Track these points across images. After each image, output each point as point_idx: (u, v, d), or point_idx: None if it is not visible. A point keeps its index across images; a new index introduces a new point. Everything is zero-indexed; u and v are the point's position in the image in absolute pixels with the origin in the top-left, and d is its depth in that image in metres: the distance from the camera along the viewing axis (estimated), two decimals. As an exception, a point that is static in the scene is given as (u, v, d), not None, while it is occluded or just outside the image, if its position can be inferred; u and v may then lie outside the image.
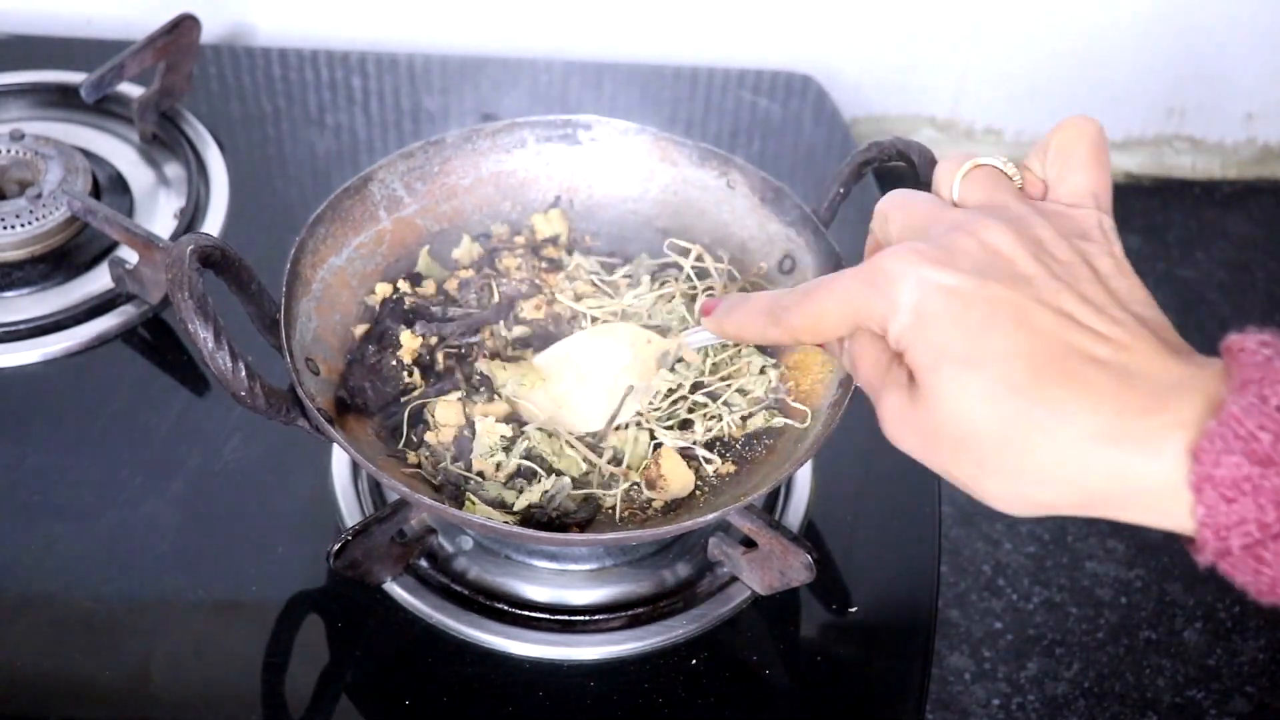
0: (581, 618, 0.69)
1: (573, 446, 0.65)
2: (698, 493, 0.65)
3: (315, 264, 0.68)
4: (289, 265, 0.65)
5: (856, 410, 0.63)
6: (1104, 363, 0.41)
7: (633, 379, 0.66)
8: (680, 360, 0.68)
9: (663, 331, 0.68)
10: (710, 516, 0.59)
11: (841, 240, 0.70)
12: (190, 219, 0.89)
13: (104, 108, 0.96)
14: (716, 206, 0.74)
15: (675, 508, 0.64)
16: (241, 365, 0.56)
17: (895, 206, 0.49)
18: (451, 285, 0.72)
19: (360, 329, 0.69)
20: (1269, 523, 0.38)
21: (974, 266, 0.43)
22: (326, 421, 0.59)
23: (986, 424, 0.41)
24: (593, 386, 0.67)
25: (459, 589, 0.69)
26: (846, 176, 0.70)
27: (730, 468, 0.65)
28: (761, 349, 0.69)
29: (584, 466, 0.64)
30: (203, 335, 0.55)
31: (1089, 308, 0.43)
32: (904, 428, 0.45)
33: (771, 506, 0.75)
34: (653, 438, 0.66)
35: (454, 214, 0.74)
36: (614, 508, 0.63)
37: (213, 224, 0.89)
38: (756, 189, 0.72)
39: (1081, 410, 0.40)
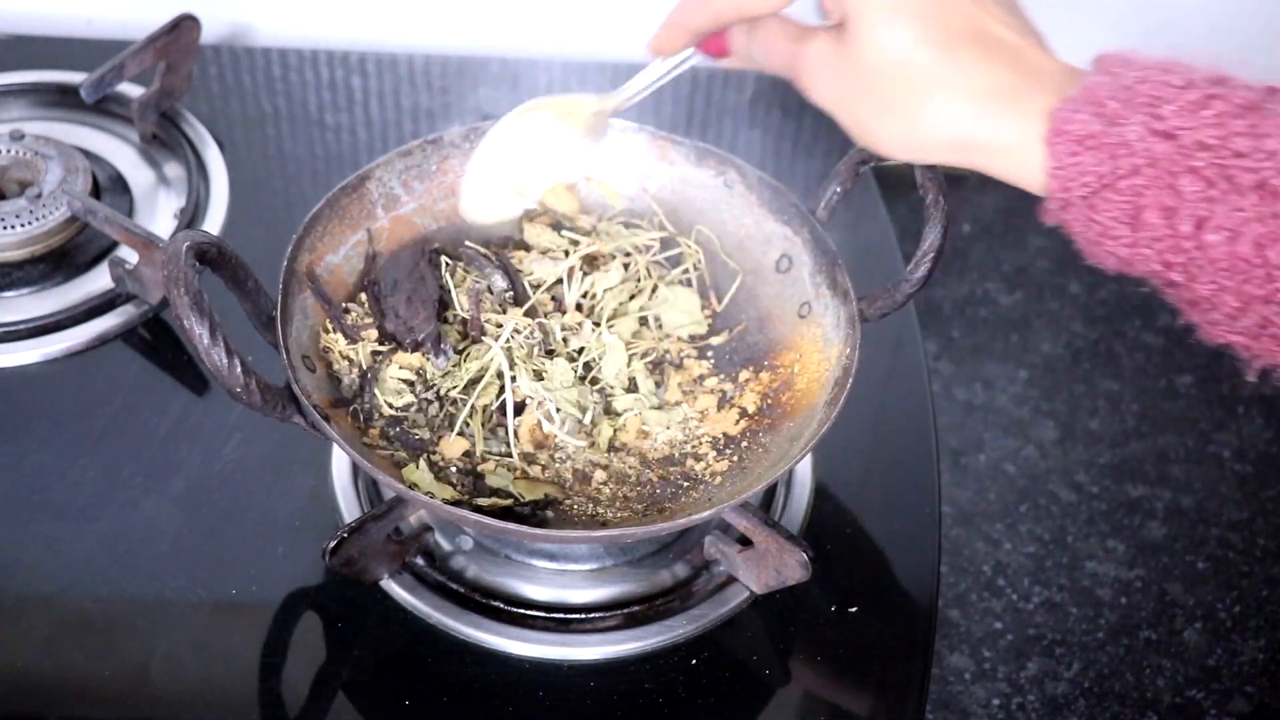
0: (580, 617, 0.69)
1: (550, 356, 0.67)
2: (693, 489, 0.65)
3: (313, 261, 0.68)
4: (286, 262, 0.66)
5: (857, 410, 0.63)
6: (1003, 40, 0.49)
7: (569, 157, 0.70)
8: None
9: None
10: (707, 514, 0.60)
11: (838, 239, 0.70)
12: (190, 219, 0.89)
13: (104, 108, 0.96)
14: (714, 205, 0.74)
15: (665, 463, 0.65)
16: (237, 362, 0.56)
17: None
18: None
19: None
20: (1105, 174, 0.45)
21: None
22: (322, 418, 0.60)
23: (899, 65, 0.48)
24: (525, 174, 0.71)
25: (458, 588, 0.69)
26: (843, 176, 0.70)
27: (725, 466, 0.66)
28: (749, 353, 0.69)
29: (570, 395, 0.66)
30: (198, 332, 0.55)
31: (997, 3, 0.50)
32: (822, 72, 0.51)
33: (770, 506, 0.75)
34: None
35: (452, 212, 0.74)
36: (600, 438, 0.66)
37: (213, 224, 0.89)
38: (754, 188, 0.73)
39: (981, 70, 0.48)
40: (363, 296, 0.70)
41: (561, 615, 0.69)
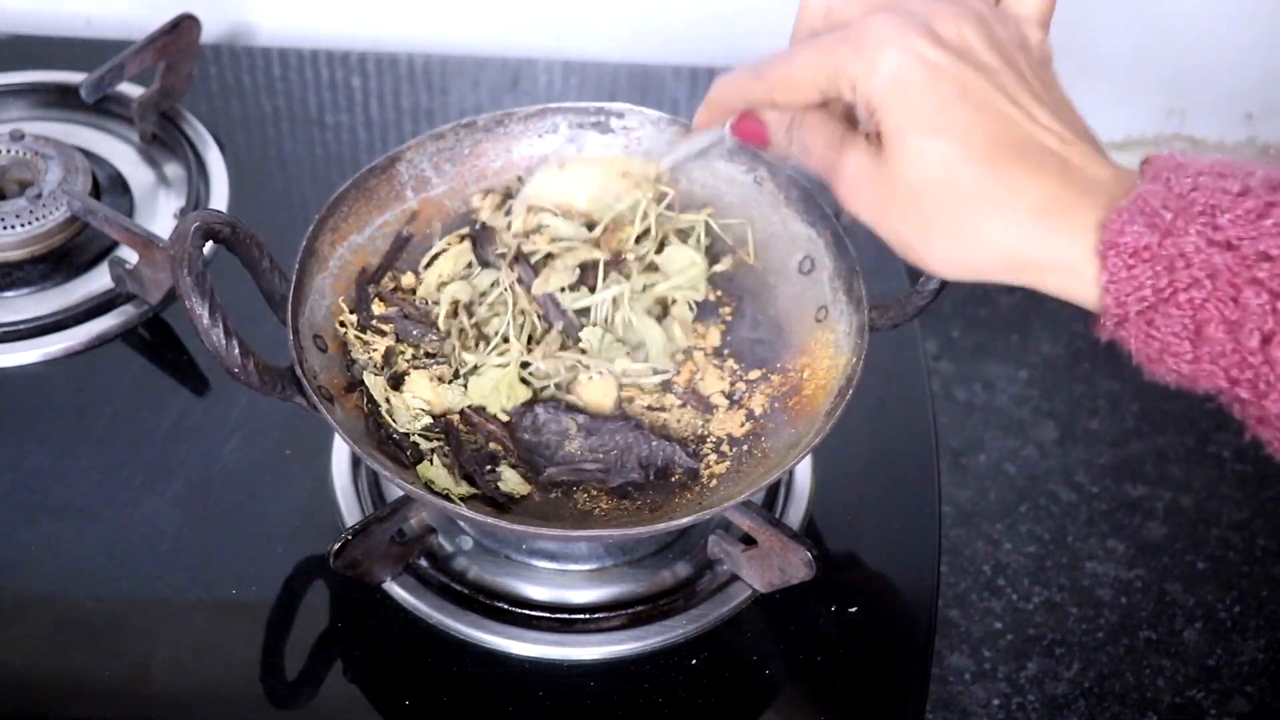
0: (582, 617, 0.69)
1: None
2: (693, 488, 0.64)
3: (335, 241, 0.68)
4: (305, 241, 0.66)
5: (857, 410, 0.63)
6: (1051, 150, 0.46)
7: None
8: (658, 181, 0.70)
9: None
10: (709, 512, 0.60)
11: (861, 245, 0.69)
12: (190, 219, 0.89)
13: (104, 108, 0.96)
14: (743, 202, 0.74)
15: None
16: (235, 342, 0.57)
17: None
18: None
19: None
20: (1162, 287, 0.43)
21: (949, 46, 0.47)
22: (327, 399, 0.60)
23: (943, 186, 0.46)
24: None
25: (459, 588, 0.69)
26: None
27: (725, 468, 0.65)
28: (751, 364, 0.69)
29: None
30: (199, 312, 0.56)
31: (1040, 105, 0.48)
32: (862, 187, 0.49)
33: (771, 505, 0.75)
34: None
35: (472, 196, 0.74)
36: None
37: (213, 224, 0.89)
38: (783, 187, 0.72)
39: (1028, 186, 0.45)
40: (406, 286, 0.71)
41: (563, 615, 0.69)
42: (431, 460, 0.63)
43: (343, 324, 0.67)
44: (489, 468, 0.64)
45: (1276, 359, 0.42)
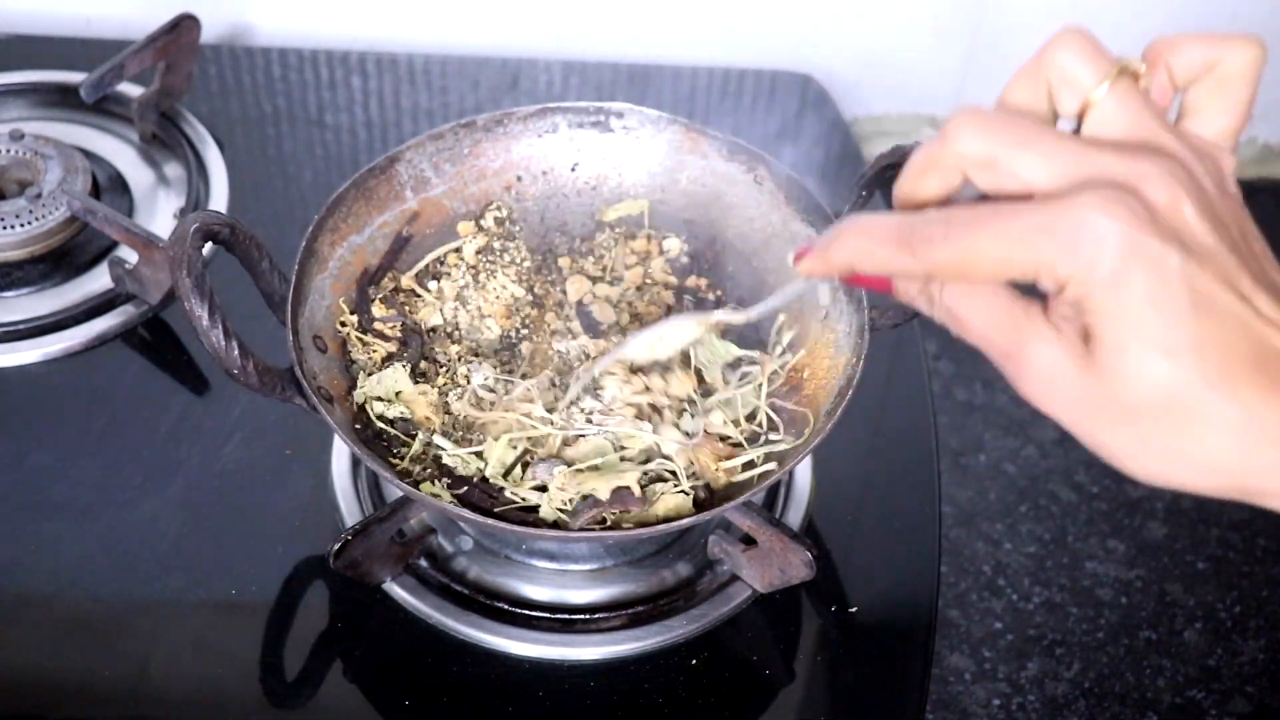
0: (582, 617, 0.69)
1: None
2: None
3: (335, 241, 0.68)
4: (304, 242, 0.66)
5: (857, 410, 0.63)
6: None
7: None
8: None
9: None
10: (709, 513, 0.59)
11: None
12: (190, 219, 0.89)
13: (104, 108, 0.96)
14: (743, 201, 0.74)
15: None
16: (235, 343, 0.57)
17: (1002, 132, 0.41)
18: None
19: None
20: None
21: (1170, 232, 0.39)
22: (325, 400, 0.60)
23: (1169, 407, 0.40)
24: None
25: (459, 588, 0.69)
26: (869, 180, 0.70)
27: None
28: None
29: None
30: (198, 312, 0.56)
31: (1261, 289, 0.41)
32: (1059, 389, 0.41)
33: (771, 505, 0.75)
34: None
35: (482, 196, 0.74)
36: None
37: (213, 224, 0.89)
38: (782, 186, 0.72)
39: (1264, 410, 0.40)
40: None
41: (563, 615, 0.69)
42: (433, 482, 0.63)
43: (343, 324, 0.67)
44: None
45: None
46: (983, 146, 0.41)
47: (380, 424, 0.64)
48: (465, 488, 0.62)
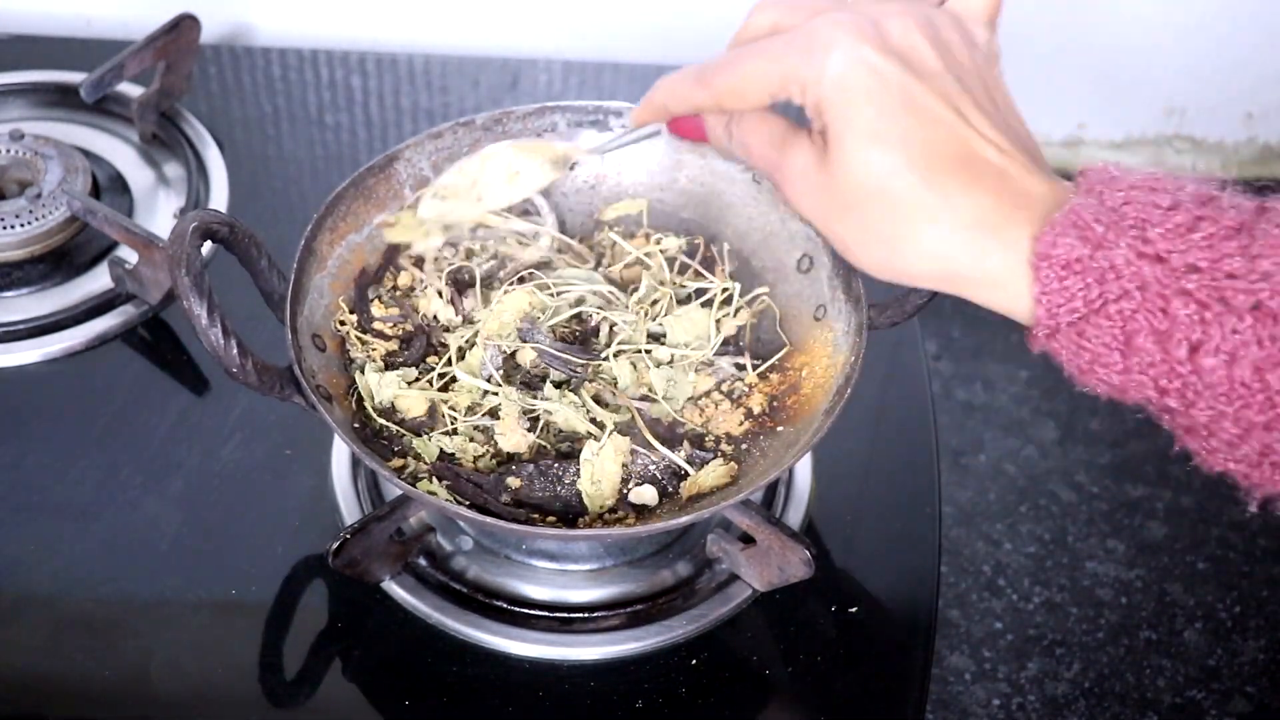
0: (581, 616, 0.69)
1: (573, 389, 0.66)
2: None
3: (333, 240, 0.68)
4: (303, 240, 0.66)
5: (857, 410, 0.63)
6: (988, 162, 0.47)
7: (529, 178, 0.67)
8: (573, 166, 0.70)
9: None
10: (708, 511, 0.60)
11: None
12: (190, 219, 0.89)
13: (104, 108, 0.96)
14: (742, 200, 0.74)
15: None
16: (234, 341, 0.57)
17: (782, 5, 0.51)
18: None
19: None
20: (1093, 299, 0.44)
21: (894, 52, 0.47)
22: (325, 398, 0.60)
23: (881, 194, 0.47)
24: (485, 188, 0.67)
25: (458, 588, 0.69)
26: None
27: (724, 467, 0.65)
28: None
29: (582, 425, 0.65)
30: (197, 311, 0.56)
31: (981, 113, 0.48)
32: (805, 186, 0.49)
33: (770, 504, 0.75)
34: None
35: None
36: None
37: (213, 224, 0.89)
38: None
39: (964, 200, 0.46)
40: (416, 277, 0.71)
41: (562, 615, 0.69)
42: (430, 480, 0.63)
43: (342, 323, 0.67)
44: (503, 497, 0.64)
45: (1204, 368, 0.43)
46: (771, 16, 0.51)
47: (381, 421, 0.64)
48: (460, 480, 0.62)
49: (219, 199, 0.91)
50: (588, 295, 0.70)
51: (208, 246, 0.83)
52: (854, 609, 0.71)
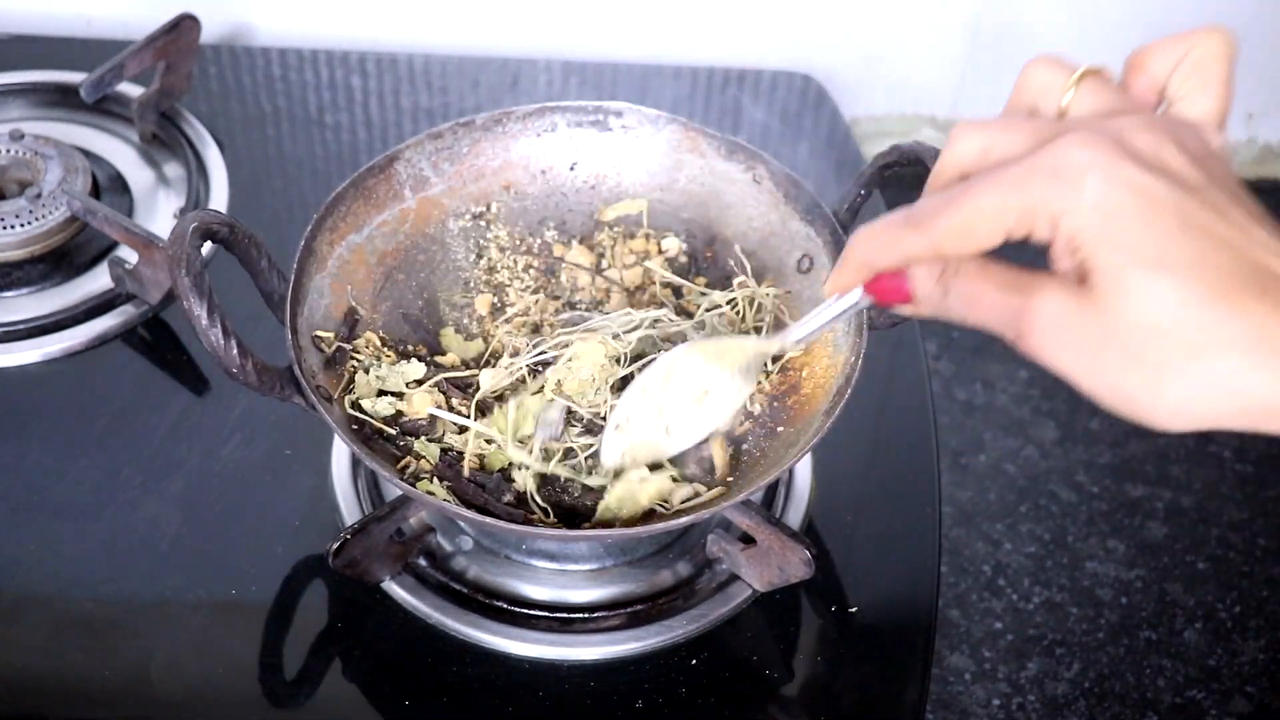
0: (581, 616, 0.69)
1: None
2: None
3: (333, 240, 0.68)
4: (303, 241, 0.66)
5: (857, 410, 0.63)
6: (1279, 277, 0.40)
7: (720, 397, 0.62)
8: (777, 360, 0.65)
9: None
10: (708, 511, 0.60)
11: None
12: (190, 219, 0.89)
13: (104, 108, 0.96)
14: (741, 200, 0.74)
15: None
16: (234, 342, 0.57)
17: (991, 129, 0.44)
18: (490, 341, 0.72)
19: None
20: None
21: (1154, 168, 0.41)
22: (325, 399, 0.60)
23: (1177, 327, 0.40)
24: (673, 415, 0.63)
25: (458, 588, 0.69)
26: (868, 179, 0.70)
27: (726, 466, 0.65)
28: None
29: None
30: (197, 312, 0.56)
31: (1255, 224, 0.42)
32: (1066, 334, 0.42)
33: (770, 504, 0.75)
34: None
35: (481, 195, 0.75)
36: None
37: (213, 224, 0.89)
38: (780, 185, 0.72)
39: (1269, 323, 0.40)
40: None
41: (562, 615, 0.69)
42: (431, 480, 0.63)
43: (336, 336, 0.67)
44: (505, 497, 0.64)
45: None
46: (978, 141, 0.44)
47: (379, 422, 0.64)
48: (459, 477, 0.62)
49: (219, 199, 0.91)
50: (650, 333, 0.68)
51: (208, 246, 0.83)
52: (854, 609, 0.71)
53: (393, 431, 0.64)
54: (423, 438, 0.65)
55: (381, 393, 0.65)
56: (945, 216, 0.42)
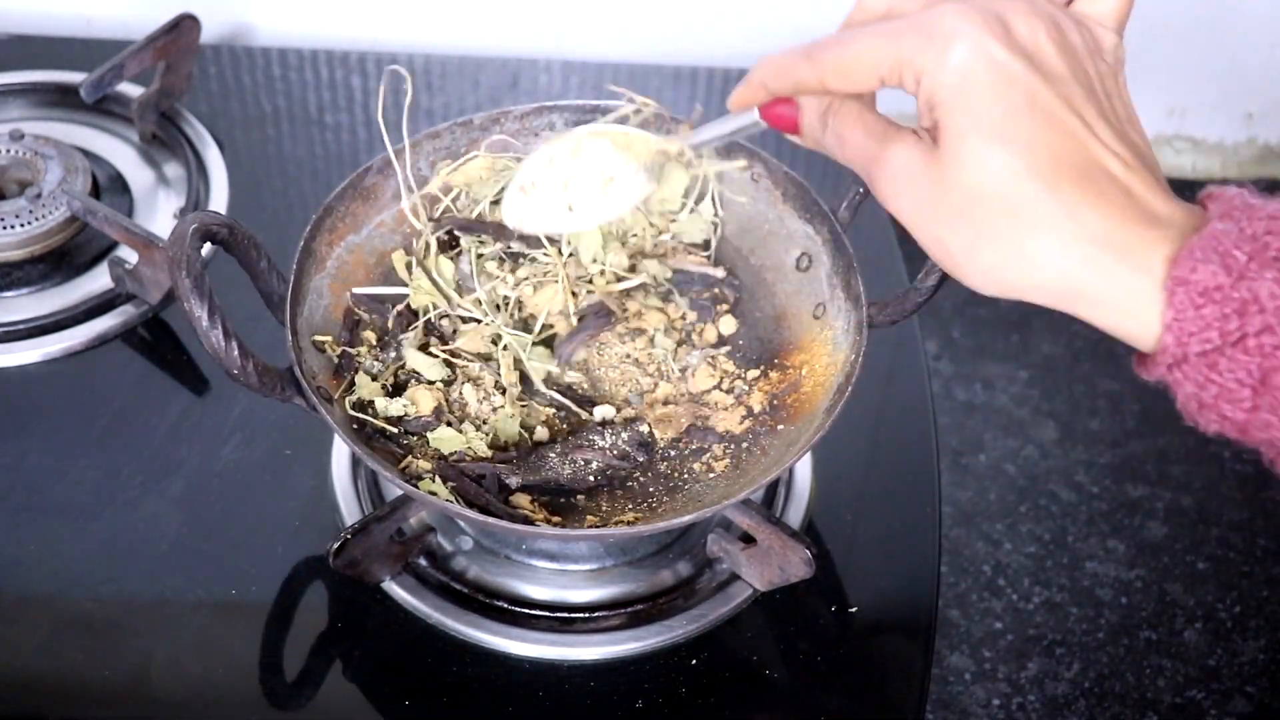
0: (581, 616, 0.69)
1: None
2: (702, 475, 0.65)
3: (332, 241, 0.68)
4: (302, 241, 0.66)
5: (857, 410, 0.63)
6: (1114, 176, 0.44)
7: (624, 188, 0.64)
8: (680, 160, 0.66)
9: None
10: (709, 510, 0.60)
11: (858, 242, 0.69)
12: (190, 219, 0.89)
13: (104, 108, 0.96)
14: (740, 199, 0.74)
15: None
16: (235, 343, 0.57)
17: None
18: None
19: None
20: (1230, 330, 0.41)
21: (1020, 50, 0.44)
22: (325, 399, 0.60)
23: (1000, 197, 0.43)
24: (578, 193, 0.64)
25: (458, 588, 0.69)
26: None
27: (724, 466, 0.65)
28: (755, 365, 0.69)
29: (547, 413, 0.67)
30: (197, 313, 0.56)
31: (1105, 124, 0.45)
32: (907, 185, 0.46)
33: (771, 504, 0.75)
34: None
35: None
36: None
37: (213, 224, 0.89)
38: (779, 183, 0.72)
39: (1090, 213, 0.43)
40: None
41: (562, 615, 0.69)
42: (433, 479, 0.63)
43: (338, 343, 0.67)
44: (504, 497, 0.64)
45: None
46: (887, 1, 0.49)
47: (381, 421, 0.64)
48: (461, 476, 0.62)
49: (219, 199, 0.91)
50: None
51: (208, 247, 0.83)
52: (854, 609, 0.71)
53: (395, 431, 0.64)
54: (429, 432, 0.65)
55: (391, 393, 0.65)
56: (832, 53, 0.47)
